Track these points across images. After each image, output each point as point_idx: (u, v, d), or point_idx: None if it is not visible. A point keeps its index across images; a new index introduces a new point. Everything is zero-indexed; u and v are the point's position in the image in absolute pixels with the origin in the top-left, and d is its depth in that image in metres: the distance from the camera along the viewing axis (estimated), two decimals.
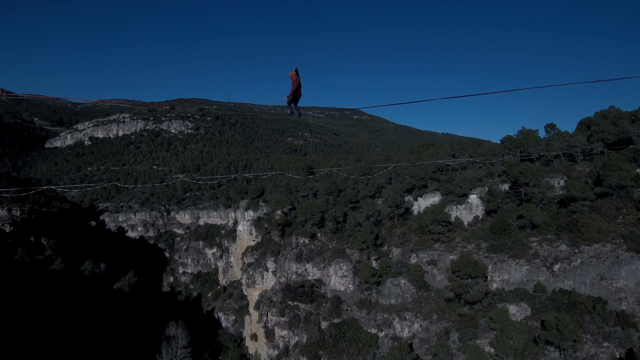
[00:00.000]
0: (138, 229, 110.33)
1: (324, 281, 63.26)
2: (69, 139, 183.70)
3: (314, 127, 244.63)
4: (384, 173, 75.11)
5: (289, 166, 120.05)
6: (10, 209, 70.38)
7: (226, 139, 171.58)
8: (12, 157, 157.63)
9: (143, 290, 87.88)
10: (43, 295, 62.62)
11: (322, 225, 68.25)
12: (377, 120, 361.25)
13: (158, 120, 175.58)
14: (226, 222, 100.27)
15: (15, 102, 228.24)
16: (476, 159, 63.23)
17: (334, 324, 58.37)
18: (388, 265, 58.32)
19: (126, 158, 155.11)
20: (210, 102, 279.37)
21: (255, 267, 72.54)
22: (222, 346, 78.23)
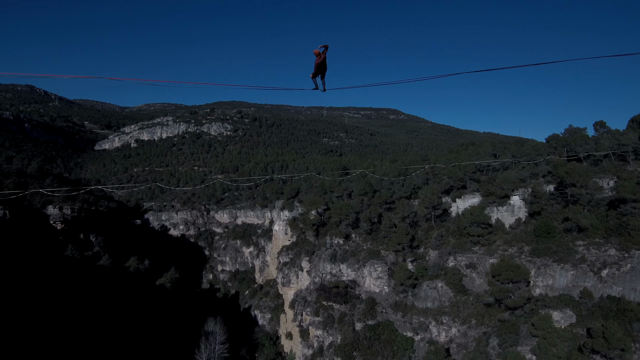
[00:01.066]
0: (180, 227, 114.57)
1: (359, 282, 62.84)
2: (116, 141, 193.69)
3: (350, 128, 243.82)
4: (420, 173, 73.70)
5: (324, 167, 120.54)
6: (61, 208, 75.01)
7: (263, 140, 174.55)
8: (64, 159, 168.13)
9: (184, 287, 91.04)
10: (91, 289, 66.36)
11: (357, 226, 67.88)
12: (415, 120, 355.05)
13: (199, 123, 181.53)
14: (263, 221, 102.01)
15: (67, 107, 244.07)
16: (519, 158, 60.58)
17: (369, 326, 57.86)
18: (424, 268, 57.11)
19: (169, 159, 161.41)
20: (249, 105, 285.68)
21: (290, 267, 73.23)
22: (258, 344, 79.48)
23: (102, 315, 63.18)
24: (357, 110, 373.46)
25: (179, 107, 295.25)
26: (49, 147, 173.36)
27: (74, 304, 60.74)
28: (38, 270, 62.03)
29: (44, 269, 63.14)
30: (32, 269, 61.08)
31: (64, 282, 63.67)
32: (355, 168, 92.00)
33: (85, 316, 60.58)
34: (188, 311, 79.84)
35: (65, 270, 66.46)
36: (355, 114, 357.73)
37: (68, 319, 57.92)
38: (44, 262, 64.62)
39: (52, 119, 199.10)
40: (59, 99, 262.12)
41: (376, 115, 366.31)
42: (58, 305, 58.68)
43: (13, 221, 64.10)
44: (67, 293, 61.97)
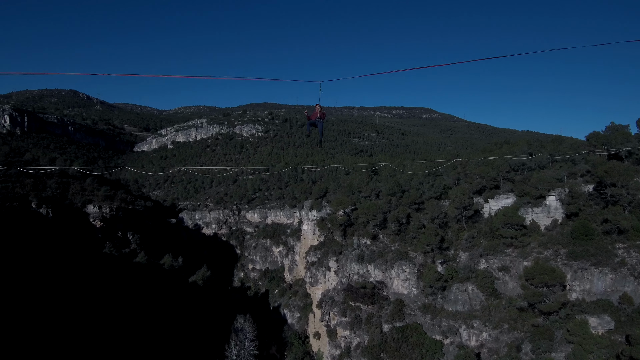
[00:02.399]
0: (212, 226, 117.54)
1: (386, 283, 62.08)
2: (154, 143, 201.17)
3: (381, 127, 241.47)
4: (451, 173, 72.01)
5: (353, 167, 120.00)
6: (100, 207, 78.66)
7: (293, 141, 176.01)
8: (105, 160, 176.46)
9: (215, 284, 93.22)
10: (127, 285, 69.18)
11: (384, 227, 67.09)
12: (449, 119, 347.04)
13: (231, 125, 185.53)
14: (292, 221, 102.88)
15: (108, 110, 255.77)
16: (556, 157, 57.83)
17: (397, 328, 57.02)
18: (454, 270, 55.64)
19: (203, 160, 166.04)
20: (280, 106, 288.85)
21: (318, 266, 73.36)
22: (287, 342, 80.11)
23: (138, 310, 65.75)
24: (388, 109, 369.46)
25: (213, 110, 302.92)
26: (91, 149, 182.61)
27: (111, 299, 63.55)
28: (79, 266, 65.36)
29: (84, 265, 66.47)
30: (73, 265, 64.44)
31: (103, 278, 66.75)
32: (384, 168, 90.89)
33: (122, 311, 63.23)
34: (219, 308, 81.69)
35: (103, 267, 69.70)
36: (387, 114, 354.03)
37: (106, 313, 60.68)
38: (84, 259, 68.04)
39: (94, 122, 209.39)
40: (100, 103, 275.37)
41: (408, 115, 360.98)
42: (97, 299, 61.58)
43: (55, 219, 67.81)
44: (105, 288, 64.93)
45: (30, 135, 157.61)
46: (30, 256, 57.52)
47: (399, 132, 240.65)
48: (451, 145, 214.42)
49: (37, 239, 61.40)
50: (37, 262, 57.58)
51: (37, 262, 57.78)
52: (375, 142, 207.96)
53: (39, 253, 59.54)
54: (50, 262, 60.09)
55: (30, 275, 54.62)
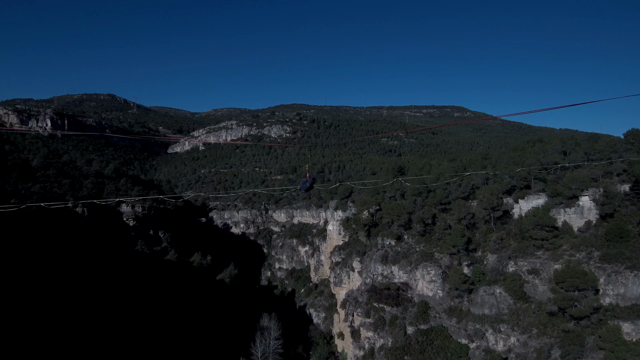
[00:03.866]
0: (240, 225, 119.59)
1: (411, 285, 61.05)
2: (186, 145, 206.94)
3: (410, 127, 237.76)
4: (480, 173, 69.95)
5: (380, 167, 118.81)
6: (133, 206, 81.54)
7: (321, 141, 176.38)
8: (141, 162, 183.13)
9: (243, 283, 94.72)
10: (158, 281, 71.41)
11: (409, 227, 66.00)
12: (482, 117, 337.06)
13: (260, 126, 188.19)
14: (317, 221, 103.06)
15: (144, 114, 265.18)
16: (591, 156, 55.00)
17: (421, 330, 55.95)
18: (482, 272, 54.00)
19: (233, 161, 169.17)
20: (308, 107, 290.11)
21: (342, 267, 73.10)
22: (313, 342, 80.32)
23: (168, 306, 67.75)
24: (418, 108, 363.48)
25: (243, 112, 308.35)
26: (127, 151, 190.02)
27: (143, 295, 65.81)
28: (112, 263, 68.08)
29: (118, 263, 69.17)
30: (107, 263, 67.19)
31: (135, 275, 69.23)
32: (411, 168, 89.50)
33: (153, 307, 65.35)
34: (245, 306, 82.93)
35: (135, 264, 72.28)
36: (417, 113, 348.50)
37: (138, 308, 62.91)
38: (117, 256, 70.82)
39: (130, 125, 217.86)
40: (136, 106, 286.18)
41: (439, 114, 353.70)
42: (130, 296, 63.94)
43: (90, 218, 70.91)
44: (138, 285, 67.32)
45: (70, 138, 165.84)
46: (67, 253, 60.43)
47: (429, 132, 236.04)
48: (484, 145, 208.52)
49: (73, 236, 64.43)
50: (73, 259, 60.44)
51: (73, 259, 60.65)
52: (404, 141, 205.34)
53: (75, 250, 62.48)
54: (85, 259, 62.95)
55: (66, 271, 57.37)
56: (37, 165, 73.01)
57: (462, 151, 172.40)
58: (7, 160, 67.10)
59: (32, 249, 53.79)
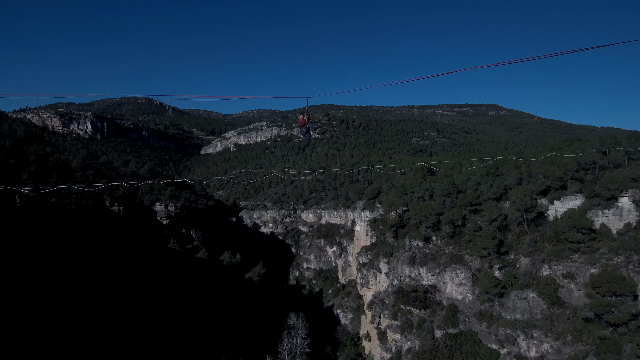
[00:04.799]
0: (269, 225, 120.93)
1: (439, 287, 59.63)
2: (218, 146, 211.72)
3: (442, 126, 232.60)
4: (513, 173, 67.43)
5: (411, 167, 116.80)
6: (166, 205, 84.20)
7: (350, 141, 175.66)
8: (175, 162, 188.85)
9: (271, 282, 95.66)
10: (189, 278, 73.33)
11: (438, 229, 64.48)
12: (519, 115, 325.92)
13: (289, 127, 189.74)
14: (345, 221, 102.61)
15: (178, 116, 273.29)
16: (632, 155, 51.80)
17: (449, 334, 54.58)
18: (514, 276, 52.02)
19: (262, 161, 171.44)
20: (338, 107, 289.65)
21: (369, 268, 72.44)
22: (340, 343, 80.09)
23: (198, 303, 69.45)
24: (451, 107, 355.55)
25: (274, 113, 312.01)
26: (163, 152, 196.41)
27: (175, 292, 67.78)
28: (147, 260, 70.54)
29: (152, 260, 71.61)
30: (142, 259, 69.69)
31: (168, 272, 71.44)
32: (444, 168, 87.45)
33: (185, 302, 67.17)
34: (273, 305, 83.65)
35: (168, 261, 74.58)
36: (449, 112, 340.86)
37: (170, 304, 64.86)
38: (151, 253, 73.33)
39: (166, 127, 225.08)
40: (172, 109, 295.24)
41: (473, 112, 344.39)
42: (162, 291, 66.04)
43: (126, 216, 73.76)
44: (170, 281, 69.44)
45: (109, 140, 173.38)
46: (104, 250, 63.19)
47: (462, 131, 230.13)
48: (521, 144, 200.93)
49: (109, 234, 67.30)
50: (109, 256, 63.12)
51: (110, 255, 63.34)
52: (435, 141, 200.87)
53: (111, 247, 65.25)
54: (121, 256, 65.58)
55: (103, 267, 59.96)
56: (77, 166, 76.76)
57: (497, 151, 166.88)
58: (49, 161, 70.90)
59: (72, 245, 56.53)
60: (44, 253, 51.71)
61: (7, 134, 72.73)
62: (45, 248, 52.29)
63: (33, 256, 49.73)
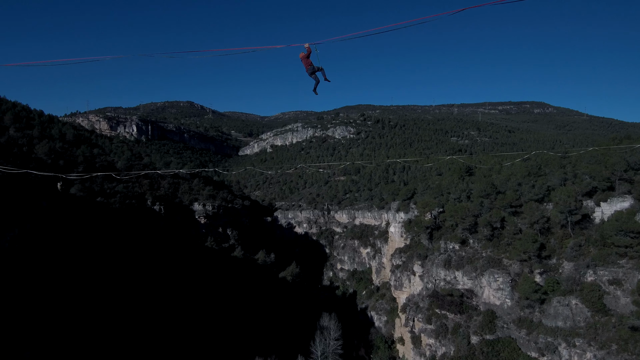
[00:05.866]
0: (303, 225, 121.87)
1: (476, 292, 57.66)
2: (255, 147, 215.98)
3: (483, 125, 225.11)
4: (557, 173, 64.13)
5: (449, 167, 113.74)
6: (204, 204, 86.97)
7: (385, 141, 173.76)
8: (214, 164, 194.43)
9: (305, 281, 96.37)
10: (225, 275, 75.31)
11: (475, 231, 62.36)
12: (566, 113, 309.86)
13: (324, 128, 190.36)
14: (379, 223, 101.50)
15: (218, 119, 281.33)
16: None
17: (486, 341, 52.60)
18: (556, 282, 49.40)
19: (298, 162, 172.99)
20: (374, 107, 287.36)
21: (403, 270, 71.24)
22: (373, 345, 79.35)
23: (233, 299, 71.18)
24: (493, 105, 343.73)
25: (310, 114, 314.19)
26: (203, 154, 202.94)
27: (212, 288, 69.86)
28: (185, 256, 73.16)
29: (189, 256, 74.18)
30: (180, 256, 72.36)
31: (205, 269, 73.75)
32: (480, 168, 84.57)
33: (220, 299, 69.07)
34: (306, 304, 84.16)
35: (205, 258, 76.98)
36: (492, 110, 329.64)
37: (207, 300, 66.92)
38: (190, 250, 75.98)
39: (206, 129, 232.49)
40: (212, 112, 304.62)
41: (517, 110, 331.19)
42: (200, 287, 68.26)
43: (166, 215, 76.82)
44: (207, 278, 71.65)
45: (153, 142, 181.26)
46: (145, 246, 66.17)
47: (505, 130, 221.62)
48: (568, 143, 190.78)
49: (150, 231, 70.42)
50: (150, 251, 66.03)
51: (151, 251, 66.26)
52: (476, 140, 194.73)
53: (152, 243, 68.24)
54: (161, 253, 68.43)
55: (145, 261, 62.81)
56: (121, 166, 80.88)
57: (543, 150, 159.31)
58: (95, 162, 75.17)
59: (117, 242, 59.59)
60: (91, 249, 54.87)
61: (57, 136, 77.84)
62: (91, 244, 55.45)
63: (82, 252, 52.89)
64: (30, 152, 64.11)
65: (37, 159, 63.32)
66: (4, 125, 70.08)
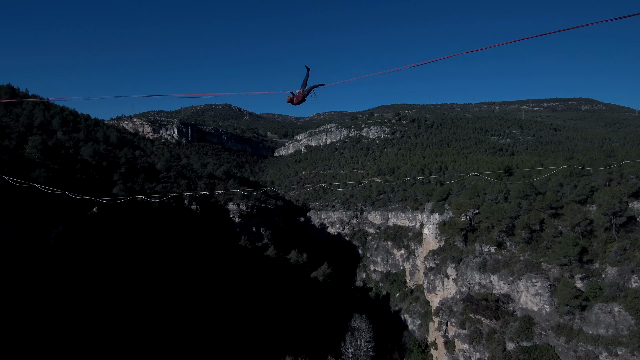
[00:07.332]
0: (336, 226, 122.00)
1: (512, 297, 55.60)
2: (290, 148, 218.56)
3: (526, 123, 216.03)
4: (601, 173, 60.68)
5: (488, 167, 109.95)
6: (239, 204, 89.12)
7: (421, 141, 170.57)
8: (251, 164, 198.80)
9: (337, 282, 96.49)
10: (258, 273, 76.90)
11: (512, 233, 60.10)
12: (617, 110, 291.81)
13: (358, 128, 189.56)
14: (413, 224, 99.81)
15: (254, 120, 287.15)
16: None
17: (523, 347, 50.61)
18: (598, 287, 46.81)
19: (332, 163, 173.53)
20: (410, 106, 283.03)
21: (436, 273, 69.75)
22: (407, 349, 78.28)
23: (265, 297, 72.57)
24: (537, 102, 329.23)
25: (344, 114, 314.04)
26: (240, 155, 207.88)
27: (245, 286, 71.61)
28: (220, 254, 75.46)
29: (225, 254, 76.42)
30: (216, 254, 74.73)
31: (239, 266, 75.71)
32: (520, 168, 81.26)
33: (253, 297, 70.66)
34: (337, 305, 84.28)
35: (239, 256, 79.01)
36: (536, 107, 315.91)
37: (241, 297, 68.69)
38: (225, 248, 78.28)
39: (243, 131, 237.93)
40: (249, 114, 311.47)
41: (563, 107, 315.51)
42: (234, 284, 70.18)
43: (203, 214, 79.51)
44: (240, 275, 73.53)
45: (192, 144, 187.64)
46: (183, 244, 68.93)
47: (550, 128, 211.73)
48: (619, 141, 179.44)
49: (187, 229, 73.26)
50: (188, 249, 68.70)
51: (188, 249, 68.93)
52: (518, 139, 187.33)
53: (189, 241, 70.98)
54: (198, 250, 71.03)
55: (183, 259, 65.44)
56: (161, 168, 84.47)
57: (590, 149, 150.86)
58: (137, 164, 79.06)
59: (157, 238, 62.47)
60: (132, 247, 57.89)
61: (102, 139, 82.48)
62: (132, 242, 58.49)
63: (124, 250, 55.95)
64: (76, 154, 68.50)
65: (82, 160, 67.61)
66: (52, 128, 75.18)
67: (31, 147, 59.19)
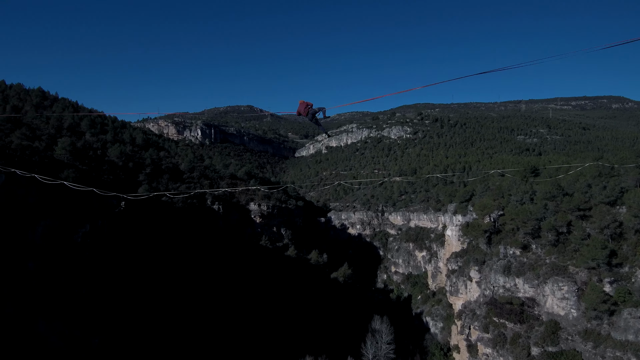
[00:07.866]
0: (357, 226, 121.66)
1: (538, 301, 54.27)
2: (311, 148, 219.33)
3: (554, 122, 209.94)
4: (632, 173, 58.52)
5: (514, 167, 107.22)
6: (259, 204, 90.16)
7: (444, 141, 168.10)
8: (272, 165, 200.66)
9: (357, 283, 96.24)
10: (278, 273, 77.63)
11: (538, 236, 58.62)
12: None
13: (380, 128, 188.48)
14: (436, 225, 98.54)
15: (276, 121, 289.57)
16: None
17: (548, 353, 49.36)
18: (628, 292, 45.24)
19: (352, 163, 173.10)
20: (433, 106, 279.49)
21: (459, 275, 68.74)
22: (428, 352, 77.37)
23: (285, 297, 73.18)
24: (566, 100, 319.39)
25: (365, 114, 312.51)
26: (261, 156, 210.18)
27: (265, 285, 72.43)
28: (241, 253, 76.59)
29: (246, 253, 77.52)
30: (237, 252, 75.91)
31: (259, 266, 76.63)
32: (547, 168, 79.06)
33: (273, 296, 71.38)
34: (357, 306, 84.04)
35: (260, 256, 79.97)
36: (564, 106, 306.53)
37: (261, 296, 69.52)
38: (246, 248, 79.39)
39: (264, 132, 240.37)
40: (270, 115, 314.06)
41: (592, 105, 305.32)
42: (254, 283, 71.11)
43: (225, 214, 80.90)
44: (261, 275, 74.42)
45: (215, 145, 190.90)
46: (205, 243, 70.36)
47: (579, 127, 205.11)
48: None
49: (210, 229, 74.72)
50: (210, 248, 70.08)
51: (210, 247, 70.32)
52: (546, 139, 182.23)
53: (211, 240, 72.39)
54: (220, 249, 72.35)
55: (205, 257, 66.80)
56: (184, 168, 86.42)
57: (621, 149, 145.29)
58: (161, 164, 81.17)
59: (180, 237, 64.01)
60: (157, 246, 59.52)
61: (128, 141, 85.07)
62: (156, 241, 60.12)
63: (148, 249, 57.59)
64: (103, 155, 70.95)
65: (109, 161, 69.96)
66: (80, 130, 78.04)
67: (60, 148, 61.54)
